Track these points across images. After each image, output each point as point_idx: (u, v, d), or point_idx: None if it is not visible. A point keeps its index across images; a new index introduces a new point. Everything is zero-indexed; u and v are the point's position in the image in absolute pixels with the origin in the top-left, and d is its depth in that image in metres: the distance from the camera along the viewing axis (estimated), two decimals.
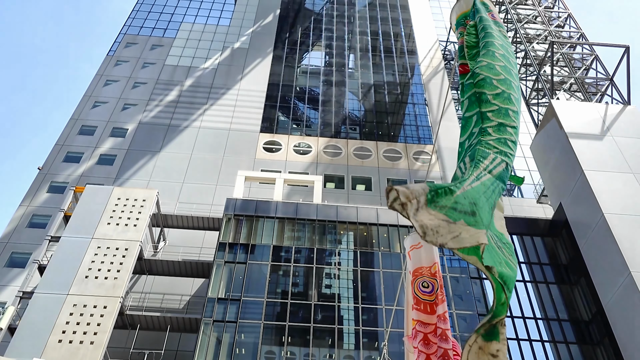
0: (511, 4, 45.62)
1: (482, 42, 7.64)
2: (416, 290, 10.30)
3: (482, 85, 6.94)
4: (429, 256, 10.65)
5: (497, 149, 6.39)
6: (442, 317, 9.90)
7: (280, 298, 29.78)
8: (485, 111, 6.72)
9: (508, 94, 6.89)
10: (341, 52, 62.90)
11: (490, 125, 6.60)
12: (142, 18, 65.38)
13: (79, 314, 27.32)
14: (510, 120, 6.70)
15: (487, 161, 6.13)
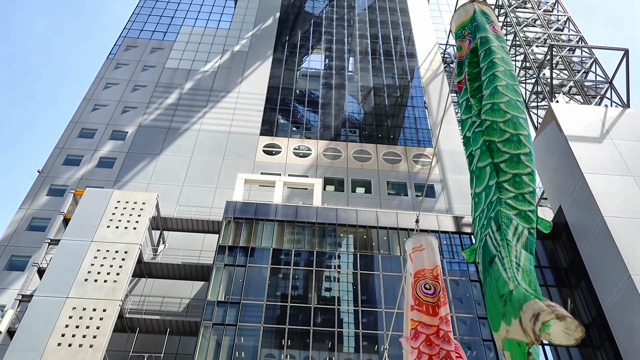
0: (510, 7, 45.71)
1: (485, 76, 7.50)
2: (418, 291, 10.34)
3: (490, 133, 6.85)
4: (431, 259, 10.70)
5: (516, 209, 6.28)
6: (444, 319, 9.95)
7: (279, 301, 29.74)
8: (498, 162, 6.63)
9: (517, 136, 6.79)
10: (341, 55, 62.98)
11: (506, 179, 6.51)
12: (142, 21, 65.48)
13: (78, 317, 27.28)
14: (524, 167, 6.62)
15: (511, 232, 6.03)
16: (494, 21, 8.47)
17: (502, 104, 7.03)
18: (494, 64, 7.55)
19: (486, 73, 7.54)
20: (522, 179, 6.52)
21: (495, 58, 7.63)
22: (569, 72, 38.79)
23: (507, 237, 5.95)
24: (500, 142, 6.74)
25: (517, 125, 6.89)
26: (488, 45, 7.90)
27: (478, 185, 6.81)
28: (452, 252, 32.78)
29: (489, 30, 8.20)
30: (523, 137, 6.84)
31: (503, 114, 6.92)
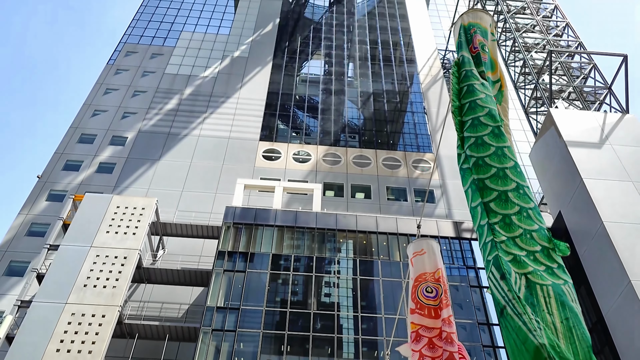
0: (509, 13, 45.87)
1: (465, 101, 7.36)
2: (419, 295, 10.36)
3: (477, 170, 6.74)
4: (432, 262, 10.74)
5: (511, 254, 6.13)
6: (447, 320, 9.99)
7: (279, 307, 29.68)
8: (487, 201, 6.51)
9: (502, 170, 6.65)
10: (340, 60, 63.13)
11: (497, 221, 6.38)
12: (142, 27, 65.67)
13: (77, 323, 27.20)
14: (512, 207, 6.46)
15: (514, 281, 5.88)
16: (475, 34, 8.42)
17: (486, 136, 6.89)
18: (473, 91, 7.39)
19: (466, 98, 7.41)
20: (512, 220, 6.36)
21: (475, 84, 7.48)
22: (568, 78, 38.88)
23: (514, 288, 5.81)
24: (488, 179, 6.61)
25: (502, 157, 6.73)
26: (468, 67, 7.85)
27: (474, 223, 6.75)
28: (452, 258, 32.76)
29: (469, 51, 8.18)
30: (509, 171, 6.68)
31: (487, 148, 6.79)
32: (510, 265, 5.97)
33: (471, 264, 32.32)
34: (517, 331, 5.42)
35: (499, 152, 6.75)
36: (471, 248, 33.23)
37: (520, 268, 5.98)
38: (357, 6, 75.18)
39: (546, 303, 5.68)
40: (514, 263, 6.01)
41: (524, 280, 5.89)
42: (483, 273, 32.07)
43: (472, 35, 8.37)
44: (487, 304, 30.55)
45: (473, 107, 7.21)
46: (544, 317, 5.52)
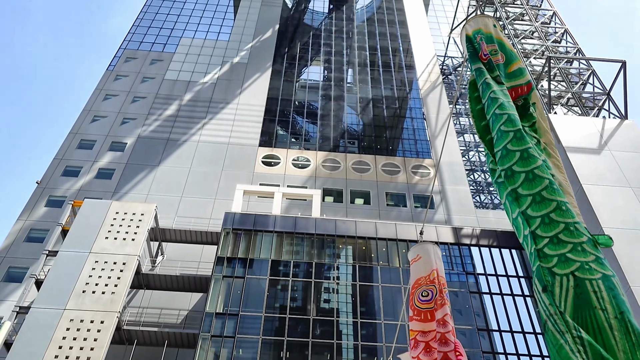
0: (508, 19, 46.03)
1: (489, 115, 7.26)
2: (416, 301, 10.38)
3: (508, 181, 6.54)
4: (427, 265, 10.77)
5: (553, 255, 5.88)
6: (441, 321, 9.97)
7: (278, 313, 29.60)
8: (524, 210, 6.28)
9: (530, 172, 6.41)
10: (340, 66, 63.28)
11: (537, 225, 6.10)
12: (142, 33, 65.82)
13: (75, 329, 27.11)
14: (548, 204, 6.14)
15: (557, 291, 5.64)
16: (482, 41, 8.38)
17: (509, 144, 6.73)
18: (493, 100, 7.29)
19: (489, 111, 7.31)
20: (551, 217, 6.04)
21: (492, 92, 7.38)
22: (567, 84, 38.98)
23: (556, 301, 5.53)
24: (519, 187, 6.41)
25: (527, 160, 6.51)
26: (483, 77, 7.75)
27: (519, 236, 6.47)
28: (451, 264, 32.71)
29: (480, 60, 8.11)
30: (538, 170, 6.42)
31: (512, 155, 6.62)
32: (555, 269, 5.75)
33: (470, 270, 32.27)
34: (559, 349, 5.21)
35: (524, 155, 6.58)
36: (470, 254, 33.20)
37: (567, 267, 5.72)
38: (357, 13, 75.44)
39: (598, 299, 5.42)
40: (560, 265, 5.77)
41: (572, 281, 5.61)
42: (482, 279, 32.03)
43: (479, 44, 8.32)
44: (487, 309, 30.49)
45: (494, 118, 7.15)
46: (598, 315, 5.29)
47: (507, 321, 29.98)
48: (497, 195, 49.05)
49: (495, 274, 32.19)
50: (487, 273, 32.20)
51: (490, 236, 34.30)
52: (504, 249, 33.44)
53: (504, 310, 30.48)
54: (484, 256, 33.12)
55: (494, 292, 31.25)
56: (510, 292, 31.42)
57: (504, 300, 30.95)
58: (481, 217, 44.13)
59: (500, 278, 32.02)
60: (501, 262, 32.91)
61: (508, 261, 33.00)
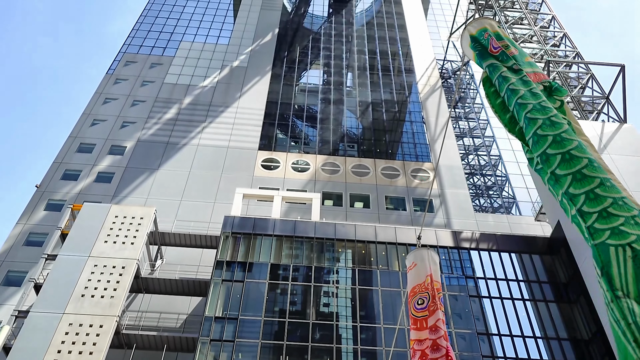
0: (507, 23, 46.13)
1: (512, 107, 7.22)
2: (412, 310, 10.35)
3: (548, 165, 6.46)
4: (421, 272, 10.74)
5: (605, 229, 5.69)
6: (433, 327, 9.92)
7: (278, 317, 29.55)
8: (566, 190, 6.17)
9: (567, 153, 6.30)
10: (339, 70, 63.36)
11: (582, 203, 5.93)
12: (142, 37, 65.91)
13: (74, 333, 27.05)
14: (591, 181, 5.98)
15: (615, 272, 5.38)
16: (491, 37, 8.37)
17: (539, 129, 6.68)
18: (513, 91, 7.26)
19: (510, 103, 7.26)
20: (597, 193, 5.85)
21: (511, 84, 7.36)
22: (566, 88, 39.04)
23: (616, 283, 5.26)
24: (557, 168, 6.30)
25: (561, 143, 6.42)
26: (499, 71, 7.73)
27: (569, 216, 6.33)
28: (451, 267, 32.68)
29: (491, 54, 8.08)
30: (574, 151, 6.30)
31: (545, 140, 6.55)
32: (609, 241, 5.48)
33: (470, 274, 32.24)
34: (618, 343, 5.01)
35: (557, 139, 6.49)
36: (470, 258, 33.17)
37: (621, 239, 5.43)
38: (356, 17, 75.60)
39: None
40: (613, 237, 5.49)
41: (629, 251, 5.31)
42: (482, 283, 31.98)
43: (487, 40, 8.29)
44: (487, 313, 30.44)
45: (518, 107, 7.10)
46: None
47: (507, 325, 29.92)
48: (497, 199, 49.03)
49: (495, 278, 32.16)
50: (486, 277, 32.16)
51: (489, 240, 34.28)
52: (503, 253, 33.40)
53: (503, 314, 30.43)
54: (483, 260, 33.08)
55: (493, 296, 31.21)
56: (510, 296, 31.37)
57: (504, 304, 30.91)
58: (481, 221, 44.11)
59: (500, 282, 31.98)
60: (501, 266, 32.87)
61: (508, 265, 32.96)
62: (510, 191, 49.15)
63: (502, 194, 49.27)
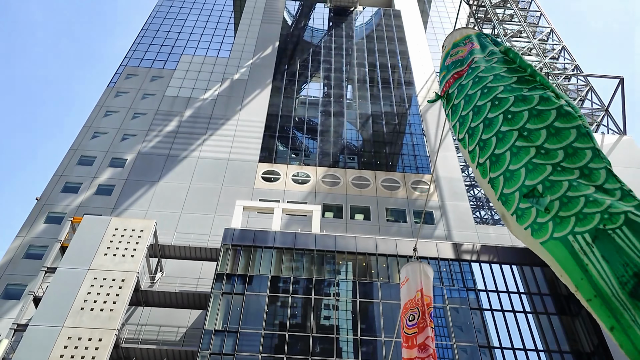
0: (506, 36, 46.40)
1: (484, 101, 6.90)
2: (404, 327, 10.15)
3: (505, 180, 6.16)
4: (412, 288, 10.55)
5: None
6: (422, 345, 9.69)
7: (278, 330, 29.37)
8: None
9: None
10: (339, 83, 63.63)
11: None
12: (143, 50, 66.30)
13: (73, 347, 26.88)
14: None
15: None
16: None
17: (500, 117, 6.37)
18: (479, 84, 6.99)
19: (483, 98, 6.81)
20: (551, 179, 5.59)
21: (470, 82, 7.11)
22: None
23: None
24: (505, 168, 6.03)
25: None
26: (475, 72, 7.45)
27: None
28: (452, 280, 32.54)
29: (461, 61, 7.95)
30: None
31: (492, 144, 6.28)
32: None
33: (471, 286, 32.10)
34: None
35: (533, 113, 6.14)
36: (471, 270, 33.04)
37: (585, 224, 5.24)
38: (356, 30, 76.09)
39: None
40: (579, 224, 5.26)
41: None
42: (483, 295, 31.83)
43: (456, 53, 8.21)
44: (488, 326, 30.26)
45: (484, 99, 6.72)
46: None
47: (508, 338, 29.73)
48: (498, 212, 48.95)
49: (496, 290, 32.01)
50: (488, 289, 32.02)
51: (490, 252, 34.18)
52: (504, 265, 33.29)
53: (505, 326, 30.25)
54: (484, 272, 32.96)
55: (495, 309, 31.04)
56: (512, 308, 31.21)
57: (505, 317, 30.73)
58: (482, 233, 44.02)
59: (502, 294, 31.83)
60: (502, 278, 32.74)
61: (509, 277, 32.83)
62: None
63: None
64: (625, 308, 4.68)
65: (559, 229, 5.34)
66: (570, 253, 5.13)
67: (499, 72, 6.90)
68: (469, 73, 7.46)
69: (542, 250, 5.45)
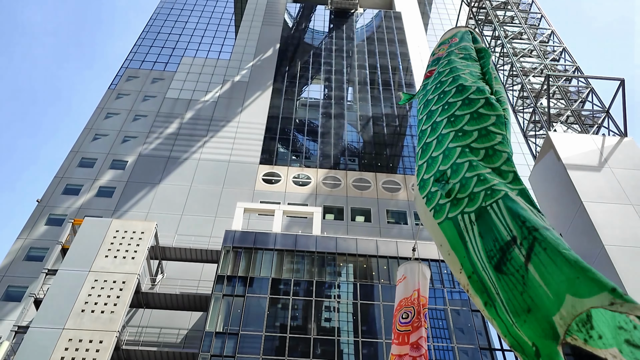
0: (507, 38, 46.41)
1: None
2: (397, 324, 10.18)
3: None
4: (409, 286, 10.58)
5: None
6: (415, 344, 9.69)
7: (279, 332, 29.35)
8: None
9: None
10: (340, 85, 63.66)
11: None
12: (144, 52, 66.39)
13: (74, 349, 26.86)
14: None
15: None
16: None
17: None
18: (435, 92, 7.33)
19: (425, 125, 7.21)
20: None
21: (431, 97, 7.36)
22: (566, 102, 39.14)
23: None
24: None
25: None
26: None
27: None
28: (453, 281, 32.51)
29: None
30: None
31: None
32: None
33: None
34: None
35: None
36: None
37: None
38: (356, 32, 76.15)
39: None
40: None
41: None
42: None
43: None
44: (489, 328, 30.21)
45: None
46: None
47: None
48: None
49: None
50: None
51: None
52: None
53: None
54: None
55: None
56: None
57: None
58: None
59: None
60: None
61: None
62: None
63: None
64: (491, 282, 4.96)
65: (453, 210, 5.75)
66: (457, 232, 5.61)
67: (458, 74, 7.24)
68: (435, 76, 7.76)
69: (437, 231, 5.91)
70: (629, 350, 3.91)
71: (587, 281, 4.01)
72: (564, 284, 4.19)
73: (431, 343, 28.71)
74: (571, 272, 4.16)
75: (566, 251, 4.31)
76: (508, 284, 4.76)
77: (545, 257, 4.42)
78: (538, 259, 4.48)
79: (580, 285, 4.05)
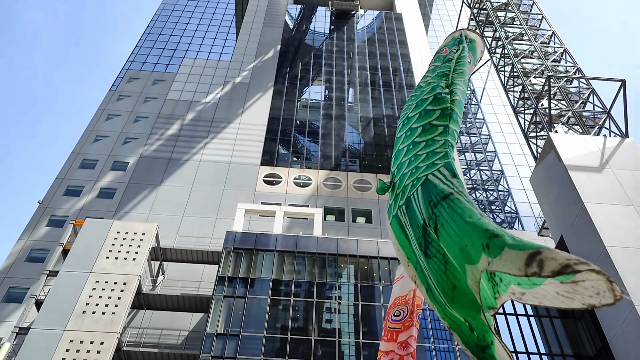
0: (507, 39, 46.41)
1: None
2: (388, 321, 10.21)
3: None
4: (405, 286, 10.60)
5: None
6: (403, 343, 9.69)
7: (279, 333, 29.33)
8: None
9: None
10: (341, 86, 63.68)
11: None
12: (145, 54, 66.46)
13: (75, 350, 26.86)
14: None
15: None
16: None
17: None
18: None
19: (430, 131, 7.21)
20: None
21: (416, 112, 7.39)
22: (567, 103, 39.11)
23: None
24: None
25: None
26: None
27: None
28: None
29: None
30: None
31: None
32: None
33: None
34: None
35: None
36: None
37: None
38: (357, 33, 76.19)
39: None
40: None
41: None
42: None
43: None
44: None
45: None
46: None
47: (511, 342, 29.64)
48: (499, 214, 48.87)
49: None
50: None
51: None
52: None
53: (507, 330, 30.16)
54: None
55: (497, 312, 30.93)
56: (514, 312, 31.13)
57: (507, 320, 30.65)
58: None
59: None
60: None
61: None
62: (512, 206, 49.02)
63: (504, 209, 49.13)
64: (425, 267, 5.10)
65: (393, 207, 5.92)
66: (400, 228, 5.72)
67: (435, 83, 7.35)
68: (416, 88, 7.95)
69: (390, 230, 6.05)
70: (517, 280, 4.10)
71: (473, 247, 4.17)
72: (460, 255, 4.37)
73: (432, 344, 28.68)
74: (462, 242, 4.29)
75: (469, 219, 4.47)
76: (434, 266, 4.90)
77: (445, 233, 4.60)
78: (442, 236, 4.65)
79: (470, 253, 4.17)
